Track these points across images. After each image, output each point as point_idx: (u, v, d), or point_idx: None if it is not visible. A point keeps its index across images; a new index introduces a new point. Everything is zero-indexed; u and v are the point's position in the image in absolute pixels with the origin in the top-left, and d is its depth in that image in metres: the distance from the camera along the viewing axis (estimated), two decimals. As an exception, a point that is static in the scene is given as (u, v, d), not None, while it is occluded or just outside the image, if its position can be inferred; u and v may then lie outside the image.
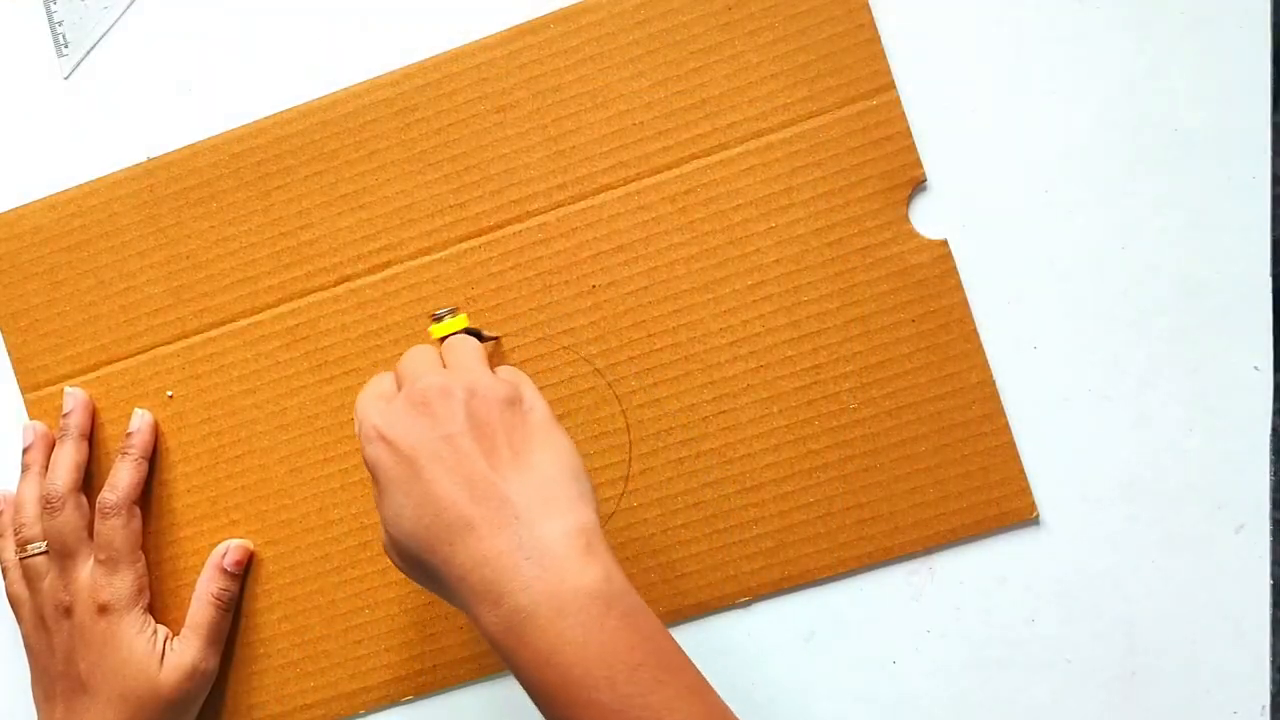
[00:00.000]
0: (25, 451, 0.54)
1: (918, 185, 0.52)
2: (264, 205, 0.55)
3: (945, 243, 0.52)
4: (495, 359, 0.53)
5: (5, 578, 0.54)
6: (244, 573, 0.54)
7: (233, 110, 0.55)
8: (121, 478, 0.53)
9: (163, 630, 0.52)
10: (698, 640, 0.52)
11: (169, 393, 0.55)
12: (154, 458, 0.55)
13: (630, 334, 0.53)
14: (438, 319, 0.50)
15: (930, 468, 0.51)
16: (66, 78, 0.57)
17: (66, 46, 0.55)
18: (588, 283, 0.53)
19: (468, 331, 0.50)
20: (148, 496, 0.55)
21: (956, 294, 0.51)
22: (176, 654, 0.51)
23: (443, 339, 0.49)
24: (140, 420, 0.54)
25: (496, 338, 0.53)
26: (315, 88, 0.55)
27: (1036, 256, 0.52)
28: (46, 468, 0.54)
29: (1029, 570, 0.51)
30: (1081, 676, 0.51)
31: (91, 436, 0.55)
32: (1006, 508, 0.51)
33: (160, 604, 0.55)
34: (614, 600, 0.39)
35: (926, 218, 0.52)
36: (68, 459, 0.53)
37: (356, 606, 0.54)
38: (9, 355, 0.56)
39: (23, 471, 0.54)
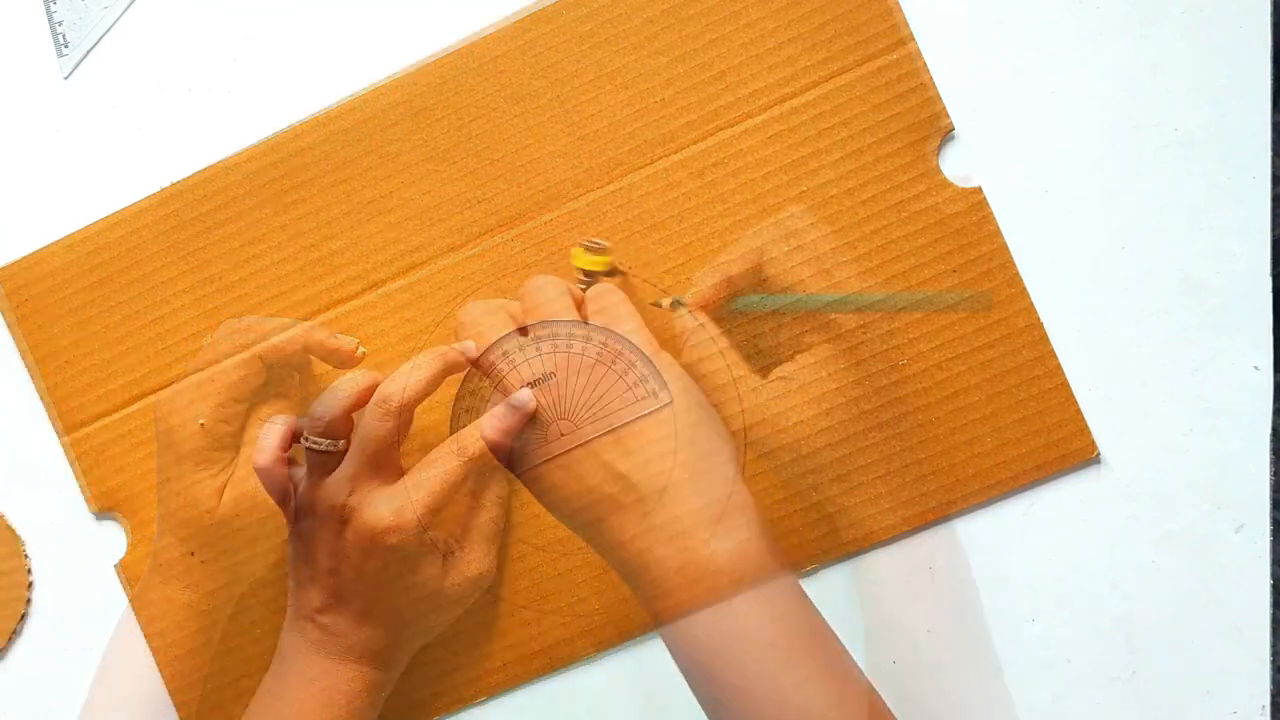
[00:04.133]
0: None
1: (946, 135, 0.52)
2: (286, 220, 0.54)
3: (979, 190, 0.51)
4: None
5: None
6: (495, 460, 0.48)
7: (233, 109, 0.55)
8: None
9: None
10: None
11: (200, 420, 0.54)
12: None
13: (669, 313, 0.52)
14: (591, 249, 0.51)
15: (986, 416, 0.51)
16: (66, 78, 0.56)
17: (66, 46, 0.54)
18: (622, 266, 0.53)
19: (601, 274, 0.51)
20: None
21: (995, 240, 0.51)
22: (458, 562, 0.49)
23: (585, 274, 0.51)
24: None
25: (624, 273, 0.52)
26: (317, 86, 0.54)
27: (1036, 247, 0.52)
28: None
29: (1029, 570, 0.51)
30: (1081, 676, 0.50)
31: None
32: (1066, 449, 0.51)
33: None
34: (744, 577, 0.39)
35: (957, 167, 0.52)
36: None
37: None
38: (44, 399, 0.55)
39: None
